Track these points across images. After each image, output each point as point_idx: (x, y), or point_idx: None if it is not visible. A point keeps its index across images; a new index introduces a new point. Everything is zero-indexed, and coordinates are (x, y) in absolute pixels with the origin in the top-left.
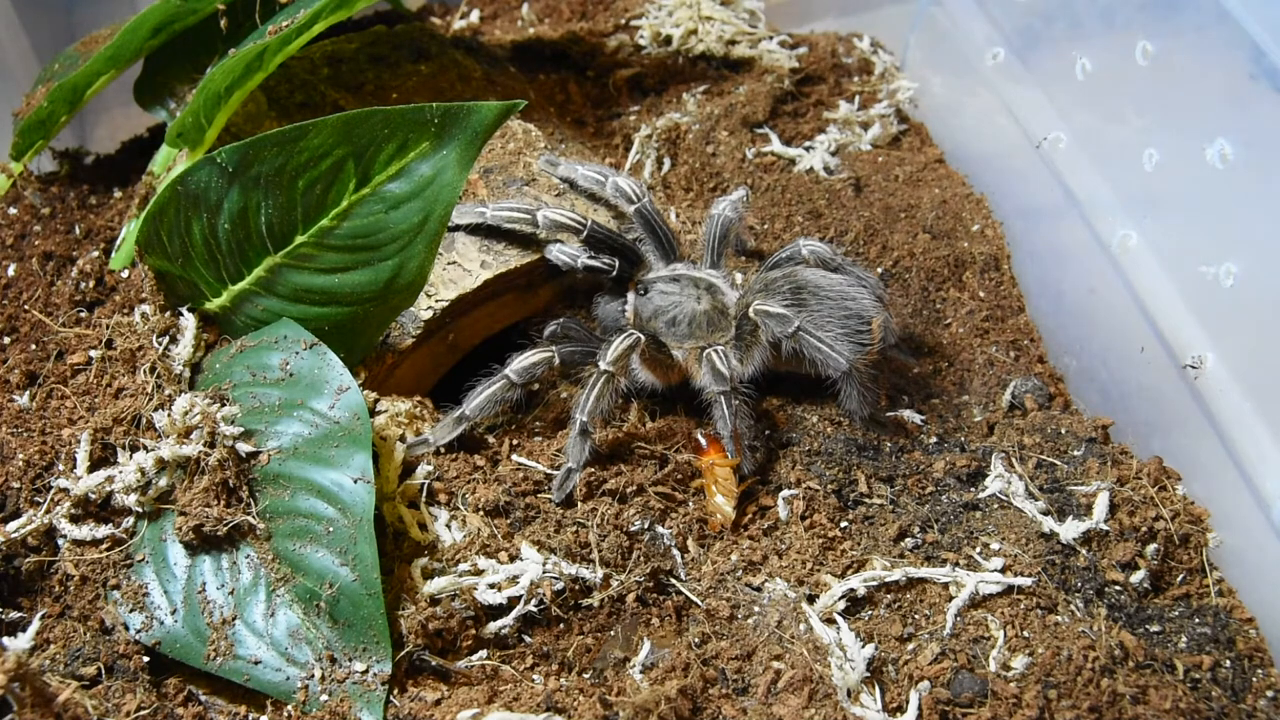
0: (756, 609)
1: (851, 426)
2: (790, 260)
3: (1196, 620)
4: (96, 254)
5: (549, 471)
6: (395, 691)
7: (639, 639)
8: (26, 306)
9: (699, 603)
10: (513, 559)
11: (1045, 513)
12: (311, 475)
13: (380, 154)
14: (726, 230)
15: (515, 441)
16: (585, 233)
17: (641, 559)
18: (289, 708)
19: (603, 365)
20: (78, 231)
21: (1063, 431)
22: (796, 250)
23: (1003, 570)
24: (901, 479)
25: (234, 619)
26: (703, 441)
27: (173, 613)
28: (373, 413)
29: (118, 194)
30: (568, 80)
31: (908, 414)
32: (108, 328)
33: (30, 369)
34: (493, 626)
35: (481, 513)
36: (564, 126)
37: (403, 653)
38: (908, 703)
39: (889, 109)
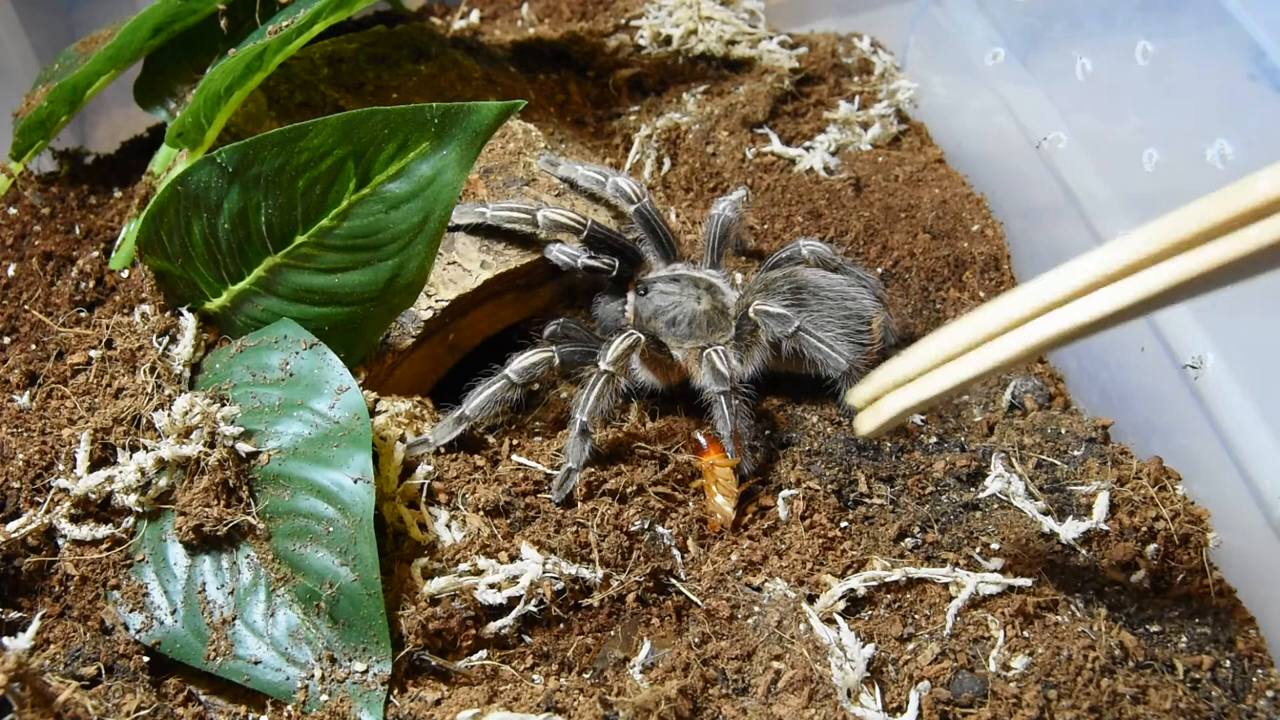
0: (756, 609)
1: (851, 426)
2: (790, 260)
3: (1196, 620)
4: (96, 254)
5: (549, 471)
6: (395, 691)
7: (639, 639)
8: (26, 306)
9: (699, 603)
10: (513, 559)
11: (1045, 513)
12: (311, 475)
13: (380, 154)
14: (726, 230)
15: (515, 441)
16: (585, 233)
17: (641, 559)
18: (289, 708)
19: (603, 365)
20: (78, 231)
21: (1063, 431)
22: (796, 250)
23: (1003, 570)
24: (901, 479)
25: (234, 619)
26: (703, 441)
27: (173, 613)
28: (373, 413)
29: (118, 194)
30: (568, 80)
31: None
32: (108, 328)
33: (30, 369)
34: (493, 626)
35: (481, 513)
36: (564, 126)
37: (403, 653)
38: (908, 703)
39: (889, 109)
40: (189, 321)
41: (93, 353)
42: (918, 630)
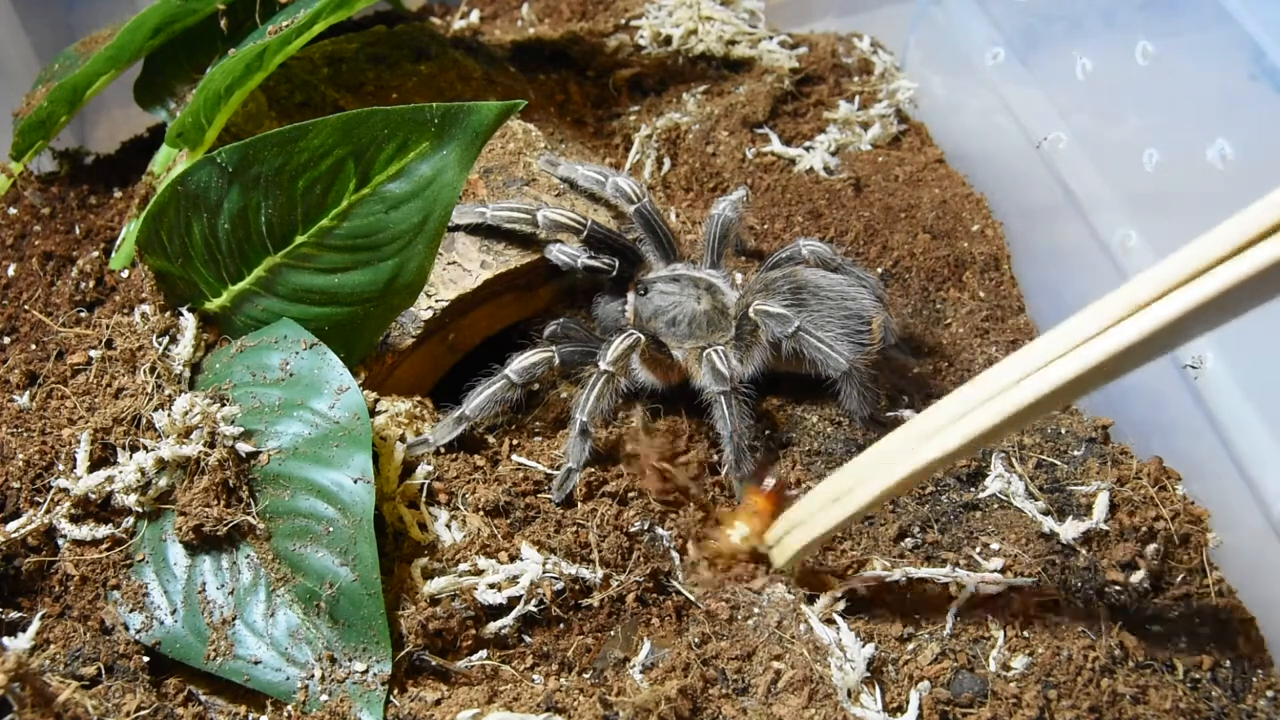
0: (756, 609)
1: (851, 426)
2: (790, 260)
3: (1196, 620)
4: (96, 254)
5: (549, 471)
6: (395, 691)
7: (639, 639)
8: (26, 306)
9: (698, 603)
10: (513, 559)
11: (1045, 513)
12: (311, 475)
13: (380, 154)
14: (726, 230)
15: (515, 441)
16: (585, 233)
17: (641, 559)
18: (289, 708)
19: (603, 365)
20: (78, 231)
21: (1063, 431)
22: (796, 250)
23: (1003, 570)
24: None
25: (234, 619)
26: (767, 485)
27: (173, 613)
28: (373, 413)
29: (118, 194)
30: (568, 80)
31: (908, 414)
32: (108, 328)
33: (30, 369)
34: (493, 626)
35: (481, 513)
36: (564, 126)
37: (403, 653)
38: (908, 703)
39: (889, 109)
40: (189, 321)
41: (93, 353)
42: (918, 630)
